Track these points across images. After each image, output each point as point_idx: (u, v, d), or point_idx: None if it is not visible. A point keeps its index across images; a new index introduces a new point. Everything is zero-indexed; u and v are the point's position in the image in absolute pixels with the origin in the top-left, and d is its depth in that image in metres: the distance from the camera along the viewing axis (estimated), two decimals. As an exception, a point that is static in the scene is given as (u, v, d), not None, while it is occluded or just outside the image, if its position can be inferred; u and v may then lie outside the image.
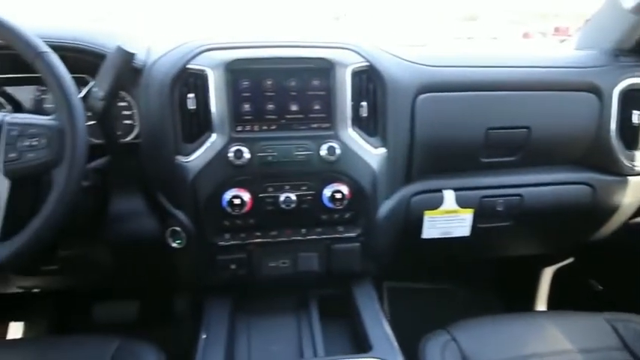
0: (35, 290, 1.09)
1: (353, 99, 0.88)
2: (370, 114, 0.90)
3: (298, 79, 0.86)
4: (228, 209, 0.85)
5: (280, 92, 0.86)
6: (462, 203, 1.01)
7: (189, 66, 0.84)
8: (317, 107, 0.87)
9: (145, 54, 0.89)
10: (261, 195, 0.86)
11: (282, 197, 0.86)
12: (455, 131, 0.97)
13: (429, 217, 1.01)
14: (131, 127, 0.93)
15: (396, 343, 0.81)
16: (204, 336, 0.82)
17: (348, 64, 0.87)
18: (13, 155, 0.63)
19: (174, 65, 0.84)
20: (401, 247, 1.05)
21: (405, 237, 1.03)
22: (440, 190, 1.00)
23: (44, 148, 0.63)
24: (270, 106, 0.86)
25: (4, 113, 0.66)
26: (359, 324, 0.87)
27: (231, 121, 0.84)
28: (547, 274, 1.50)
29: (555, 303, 1.48)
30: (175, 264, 0.97)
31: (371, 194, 0.90)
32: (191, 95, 0.84)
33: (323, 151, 0.86)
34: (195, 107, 0.85)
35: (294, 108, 0.87)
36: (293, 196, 0.87)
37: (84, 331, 0.85)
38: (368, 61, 0.88)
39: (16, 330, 1.32)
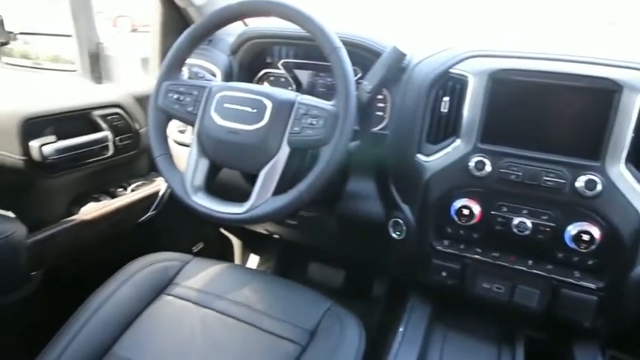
0: (275, 236, 1.34)
1: (636, 131, 0.73)
2: None
3: (569, 100, 0.77)
4: (455, 217, 0.84)
5: (542, 109, 0.79)
6: None
7: (451, 70, 0.85)
8: (585, 133, 0.76)
9: (411, 55, 0.95)
10: (493, 212, 0.82)
11: (515, 220, 0.81)
12: None
13: None
14: (381, 119, 1.01)
15: None
16: (401, 329, 0.85)
17: None
18: (296, 129, 0.77)
19: (437, 67, 0.87)
20: None
21: None
22: None
23: (321, 128, 0.75)
24: (527, 123, 0.80)
25: (296, 93, 0.81)
26: None
27: (480, 131, 0.82)
28: None
29: None
30: (390, 252, 1.02)
31: (630, 246, 0.75)
32: (446, 98, 0.86)
33: (579, 183, 0.75)
34: (447, 110, 0.86)
35: (555, 129, 0.78)
36: (529, 223, 0.80)
37: (297, 281, 0.99)
38: None
39: (253, 261, 1.65)
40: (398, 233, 0.95)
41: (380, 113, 1.02)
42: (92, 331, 0.79)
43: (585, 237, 0.75)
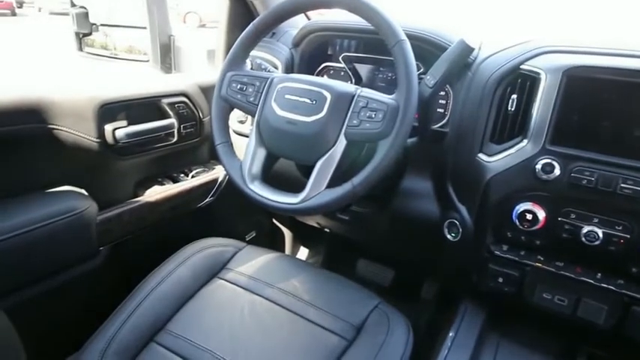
0: (326, 229, 1.34)
1: None
2: None
3: None
4: (517, 222, 0.80)
5: (621, 110, 0.73)
6: None
7: (522, 66, 0.80)
8: None
9: (477, 50, 0.91)
10: (560, 219, 0.77)
11: (585, 229, 0.75)
12: None
13: None
14: (442, 116, 0.98)
15: None
16: (451, 334, 0.83)
17: None
18: (354, 122, 0.76)
19: (506, 63, 0.83)
20: None
21: None
22: None
23: (380, 122, 0.74)
24: (604, 125, 0.74)
25: (356, 86, 0.81)
26: None
27: (550, 131, 0.77)
28: None
29: None
30: (443, 254, 0.99)
31: None
32: (514, 96, 0.81)
33: None
34: (514, 109, 0.82)
35: (636, 133, 0.72)
36: (600, 233, 0.74)
37: (345, 276, 0.98)
38: None
39: (302, 253, 1.67)
40: (453, 235, 0.92)
41: (441, 110, 0.99)
42: (150, 307, 0.84)
43: None
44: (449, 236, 0.93)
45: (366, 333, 0.82)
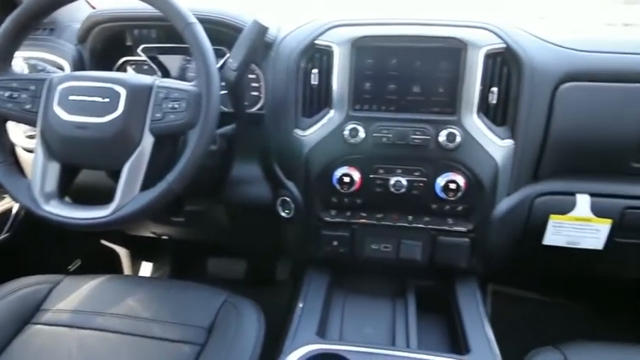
0: (164, 237, 1.25)
1: (483, 84, 0.81)
2: (500, 101, 0.82)
3: (425, 60, 0.82)
4: (338, 186, 0.85)
5: (404, 72, 0.83)
6: (598, 212, 0.88)
7: (316, 41, 0.85)
8: (441, 90, 0.82)
9: (277, 30, 0.93)
10: (371, 176, 0.85)
11: (392, 180, 0.84)
12: (602, 128, 0.84)
13: (554, 221, 0.90)
14: (257, 99, 0.98)
15: (497, 351, 0.75)
16: (300, 305, 0.85)
17: (482, 45, 0.80)
18: (158, 115, 0.71)
19: (302, 40, 0.86)
20: (517, 251, 0.96)
21: (523, 240, 0.93)
22: (572, 194, 0.88)
23: (184, 111, 0.70)
24: (392, 87, 0.84)
25: (154, 77, 0.74)
26: (458, 323, 0.82)
27: (350, 99, 0.84)
28: None
29: None
30: (283, 232, 1.01)
31: (489, 189, 0.84)
32: (315, 71, 0.86)
33: (442, 137, 0.81)
34: (317, 83, 0.86)
35: (416, 90, 0.83)
36: (404, 181, 0.84)
37: (198, 280, 0.94)
38: (505, 42, 0.80)
39: (146, 269, 1.53)
40: (287, 212, 0.94)
41: (255, 93, 0.99)
42: None
43: (452, 186, 0.81)
44: (283, 213, 0.95)
45: (218, 331, 0.78)
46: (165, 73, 1.04)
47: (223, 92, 0.94)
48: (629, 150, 0.84)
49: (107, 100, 0.70)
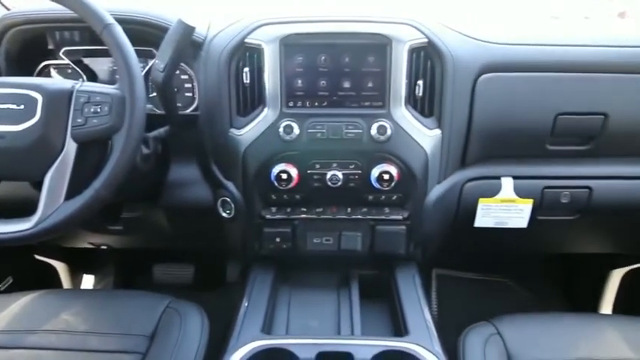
0: (103, 247, 1.20)
1: (408, 77, 0.84)
2: (426, 93, 0.86)
3: (353, 56, 0.84)
4: (276, 183, 0.86)
5: (333, 69, 0.85)
6: (522, 192, 0.95)
7: (246, 40, 0.85)
8: (370, 85, 0.85)
9: (206, 29, 0.92)
10: (308, 171, 0.87)
11: (328, 175, 0.86)
12: (519, 115, 0.90)
13: (483, 204, 0.96)
14: (191, 100, 0.97)
15: (434, 330, 0.79)
16: (245, 303, 0.85)
17: (406, 40, 0.83)
18: (79, 120, 0.68)
19: (231, 39, 0.86)
20: (451, 235, 1.01)
21: (456, 224, 0.99)
22: (497, 178, 0.95)
23: (107, 115, 0.67)
24: (323, 83, 0.85)
25: (74, 81, 0.71)
26: (398, 308, 0.86)
27: (283, 96, 0.85)
28: (616, 277, 1.37)
29: (623, 308, 1.36)
30: (225, 233, 1.00)
31: (421, 177, 0.88)
32: (246, 69, 0.86)
33: (373, 131, 0.84)
34: (249, 81, 0.86)
35: (346, 85, 0.85)
36: (340, 175, 0.86)
37: (144, 289, 0.91)
38: (427, 37, 0.84)
39: (87, 282, 1.46)
40: (228, 212, 0.94)
41: (189, 94, 0.97)
42: None
43: (386, 176, 0.84)
44: (224, 214, 0.94)
45: (160, 337, 0.77)
46: (92, 77, 1.00)
47: (153, 94, 0.92)
48: (544, 134, 0.91)
49: (22, 107, 0.67)
